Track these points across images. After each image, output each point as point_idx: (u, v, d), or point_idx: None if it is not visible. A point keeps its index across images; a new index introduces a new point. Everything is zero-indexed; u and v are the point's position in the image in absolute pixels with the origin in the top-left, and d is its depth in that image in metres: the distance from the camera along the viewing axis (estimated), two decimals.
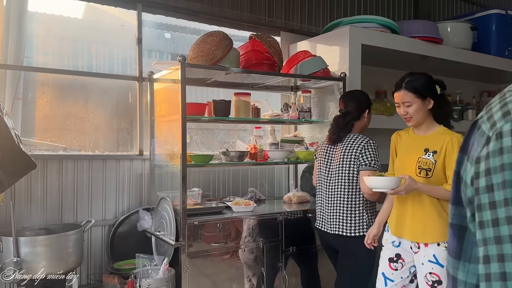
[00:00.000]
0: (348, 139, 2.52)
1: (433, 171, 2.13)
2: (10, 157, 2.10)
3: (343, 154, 2.49)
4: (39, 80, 2.97)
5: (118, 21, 3.35)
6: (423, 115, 2.20)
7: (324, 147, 2.65)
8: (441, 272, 2.10)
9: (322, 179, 2.61)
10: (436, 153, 2.14)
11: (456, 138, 2.13)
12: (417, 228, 2.17)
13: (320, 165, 2.64)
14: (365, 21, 3.47)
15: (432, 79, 2.24)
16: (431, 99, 2.18)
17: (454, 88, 4.68)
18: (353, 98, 2.62)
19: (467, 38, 4.15)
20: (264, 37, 3.11)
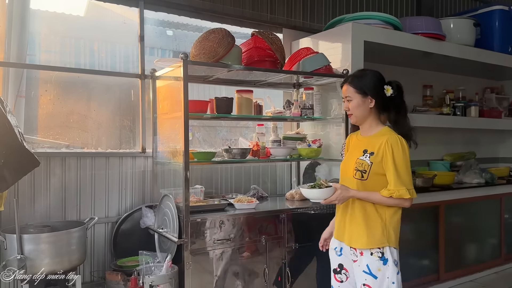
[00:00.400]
0: None
1: (368, 172, 2.04)
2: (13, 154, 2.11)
3: None
4: (42, 78, 2.97)
5: (120, 19, 3.35)
6: (363, 113, 2.11)
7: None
8: (374, 283, 2.02)
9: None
10: (373, 154, 2.05)
11: (393, 140, 2.02)
12: (353, 233, 2.10)
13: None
14: (368, 17, 3.46)
15: (382, 79, 2.14)
16: (373, 99, 2.08)
17: (457, 85, 4.67)
18: None
19: (470, 35, 4.14)
20: (266, 34, 3.10)
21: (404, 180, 2.00)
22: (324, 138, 3.46)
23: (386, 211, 2.06)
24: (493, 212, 4.45)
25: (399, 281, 2.04)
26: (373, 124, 2.14)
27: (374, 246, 2.03)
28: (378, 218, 2.05)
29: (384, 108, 2.13)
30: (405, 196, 1.99)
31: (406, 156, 2.02)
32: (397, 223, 2.09)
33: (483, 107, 4.71)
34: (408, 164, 2.02)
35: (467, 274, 4.07)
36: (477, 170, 4.38)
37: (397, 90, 2.12)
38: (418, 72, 4.46)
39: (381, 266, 2.02)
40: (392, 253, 2.04)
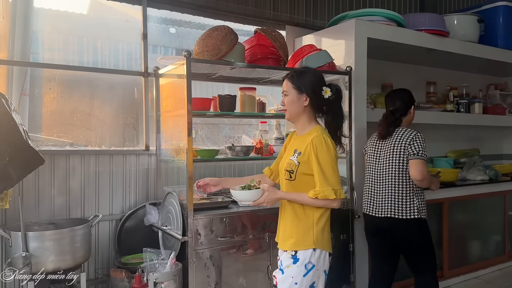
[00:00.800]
0: (397, 133, 2.78)
1: (295, 173, 2.02)
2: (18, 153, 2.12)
3: (393, 146, 2.75)
4: (46, 76, 2.98)
5: (123, 17, 3.36)
6: (297, 110, 2.08)
7: (373, 141, 2.93)
8: (279, 277, 2.02)
9: (372, 169, 2.89)
10: (300, 154, 2.02)
11: (318, 140, 1.98)
12: (284, 234, 2.08)
13: (369, 157, 2.92)
14: (371, 14, 3.45)
15: (322, 80, 2.11)
16: (308, 97, 2.05)
17: (461, 81, 4.65)
18: (400, 96, 2.90)
19: (474, 31, 4.12)
20: (269, 31, 3.10)
21: (330, 180, 1.96)
22: None
23: (314, 212, 2.02)
24: (497, 209, 4.44)
25: (305, 284, 1.98)
26: (306, 123, 2.11)
27: (301, 248, 1.99)
28: (306, 220, 2.01)
29: (321, 110, 2.11)
30: (330, 196, 1.95)
31: (331, 155, 1.99)
32: (326, 224, 2.05)
33: (487, 104, 4.69)
34: (334, 164, 1.99)
35: (471, 271, 4.07)
36: (481, 167, 4.37)
37: (336, 94, 2.09)
38: (422, 69, 4.44)
39: (290, 264, 2.00)
40: (311, 255, 1.98)
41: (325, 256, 2.04)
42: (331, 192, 1.95)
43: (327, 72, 3.20)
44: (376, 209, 2.81)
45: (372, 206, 2.86)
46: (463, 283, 3.94)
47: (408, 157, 2.68)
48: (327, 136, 2.02)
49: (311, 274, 1.98)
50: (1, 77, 2.70)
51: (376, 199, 2.83)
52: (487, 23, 4.29)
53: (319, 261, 2.00)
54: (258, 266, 2.82)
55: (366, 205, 2.92)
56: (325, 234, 2.04)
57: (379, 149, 2.86)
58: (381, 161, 2.82)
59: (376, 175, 2.85)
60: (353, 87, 3.20)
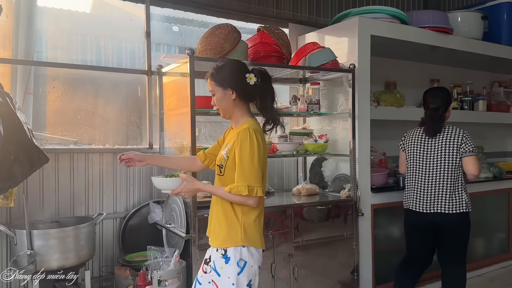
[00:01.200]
0: (446, 130, 2.89)
1: (224, 167, 1.95)
2: (23, 151, 2.13)
3: (446, 143, 2.85)
4: (49, 74, 2.99)
5: (126, 15, 3.36)
6: (227, 106, 2.00)
7: (418, 138, 2.98)
8: (218, 281, 1.93)
9: (419, 166, 2.94)
10: (229, 148, 1.96)
11: (243, 134, 1.89)
12: (214, 230, 2.00)
13: (414, 154, 2.97)
14: (374, 11, 3.44)
15: (243, 68, 2.02)
16: (233, 90, 1.97)
17: (465, 79, 4.63)
18: (440, 95, 2.99)
19: (477, 28, 4.10)
20: (272, 29, 3.10)
21: (248, 176, 1.86)
22: (330, 133, 3.46)
23: (243, 208, 1.94)
24: (501, 206, 4.42)
25: (241, 282, 1.90)
26: (239, 116, 2.03)
27: (230, 245, 1.91)
28: (234, 216, 1.94)
29: (251, 98, 2.02)
30: (242, 192, 1.85)
31: (254, 151, 1.88)
32: (254, 221, 1.95)
33: (491, 101, 4.67)
34: (255, 159, 1.87)
35: (474, 269, 4.06)
36: (485, 165, 4.35)
37: (261, 77, 2.00)
38: (425, 66, 4.43)
39: (223, 264, 1.92)
40: (241, 252, 1.91)
41: (257, 253, 1.97)
42: (244, 189, 1.85)
43: (331, 70, 3.20)
44: (426, 205, 2.88)
45: (421, 202, 2.91)
46: (467, 281, 3.92)
47: (463, 154, 2.82)
48: (254, 130, 1.91)
49: (246, 271, 1.91)
50: (5, 76, 2.71)
51: (426, 195, 2.89)
52: (491, 20, 4.27)
53: (251, 258, 1.93)
54: (262, 264, 2.81)
55: (413, 202, 2.96)
56: (254, 230, 1.95)
57: (428, 146, 2.93)
58: (432, 158, 2.89)
59: (425, 171, 2.91)
60: (357, 85, 3.20)
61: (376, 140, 3.48)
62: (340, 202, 3.15)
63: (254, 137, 1.89)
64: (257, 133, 1.92)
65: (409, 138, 3.06)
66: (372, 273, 3.33)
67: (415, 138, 3.00)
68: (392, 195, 3.49)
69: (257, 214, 1.97)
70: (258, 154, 1.89)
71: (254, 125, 1.97)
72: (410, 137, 3.05)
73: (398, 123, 3.88)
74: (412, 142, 3.02)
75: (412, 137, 3.03)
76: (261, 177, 1.91)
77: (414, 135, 3.02)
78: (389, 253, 3.65)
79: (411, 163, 3.01)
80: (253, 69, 2.02)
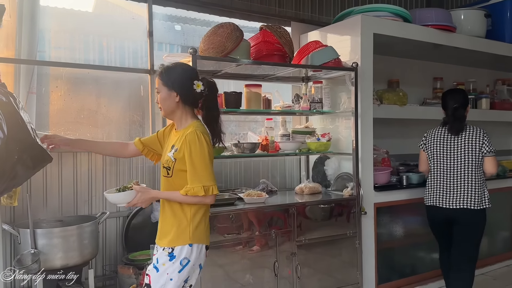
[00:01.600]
0: (468, 129, 3.01)
1: (172, 169, 1.99)
2: (27, 151, 2.13)
3: (468, 143, 2.97)
4: (52, 74, 3.00)
5: (129, 14, 3.36)
6: (170, 106, 2.03)
7: (441, 137, 3.07)
8: (154, 275, 1.96)
9: (443, 164, 3.05)
10: (176, 150, 1.98)
11: (191, 136, 1.93)
12: (160, 231, 2.06)
13: (438, 152, 3.07)
14: (377, 10, 3.43)
15: (193, 74, 2.05)
16: (178, 94, 2.00)
17: (468, 77, 4.62)
18: (459, 96, 3.10)
19: (481, 26, 4.08)
20: (275, 28, 3.09)
21: (201, 176, 1.92)
22: (333, 132, 3.45)
23: (191, 208, 1.98)
24: (505, 205, 4.41)
25: (180, 279, 1.95)
26: (183, 119, 2.06)
27: (178, 244, 1.96)
28: (183, 216, 1.98)
29: (195, 104, 2.06)
30: (199, 193, 1.91)
31: (204, 151, 1.94)
32: (202, 218, 2.01)
33: (494, 99, 4.65)
34: (206, 160, 1.94)
35: (478, 268, 4.00)
36: None
37: (208, 88, 2.05)
38: (428, 65, 4.41)
39: (166, 261, 1.96)
40: (186, 251, 1.96)
41: (201, 250, 2.01)
42: (200, 189, 1.91)
43: (333, 68, 3.20)
44: (451, 201, 2.99)
45: (445, 198, 3.02)
46: None
47: (484, 154, 2.96)
48: (201, 132, 1.96)
49: (187, 269, 1.96)
50: (9, 76, 2.72)
51: (450, 192, 3.00)
52: (494, 17, 4.25)
53: (194, 256, 1.98)
54: (265, 262, 2.82)
55: (436, 198, 3.06)
56: (201, 228, 2.01)
57: (451, 144, 3.03)
58: (456, 155, 3.00)
59: (450, 168, 3.02)
60: (359, 83, 3.19)
61: (379, 138, 3.47)
62: (343, 201, 3.15)
63: (202, 139, 1.95)
64: (204, 134, 1.98)
65: (430, 138, 3.14)
66: (375, 272, 3.33)
67: (438, 137, 3.09)
68: (395, 194, 3.49)
69: (204, 212, 2.02)
70: (209, 155, 1.96)
71: (199, 127, 2.01)
72: (432, 136, 3.13)
73: (401, 121, 3.88)
74: (434, 141, 3.10)
75: (434, 137, 3.11)
76: (214, 176, 1.97)
77: (436, 134, 3.11)
78: (392, 252, 3.66)
79: (434, 162, 3.10)
80: (202, 78, 2.06)
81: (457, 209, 2.97)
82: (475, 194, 2.95)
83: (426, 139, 3.18)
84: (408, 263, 3.73)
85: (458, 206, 2.97)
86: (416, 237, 3.77)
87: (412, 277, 3.65)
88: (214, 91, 2.10)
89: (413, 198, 3.56)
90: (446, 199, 3.02)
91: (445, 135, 3.06)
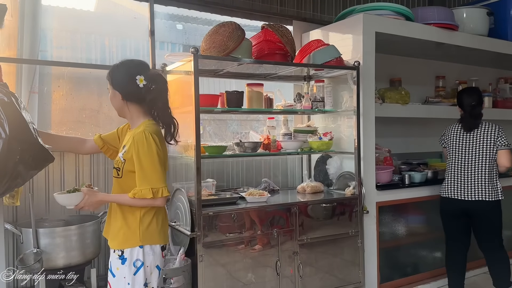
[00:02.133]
0: (483, 125, 3.18)
1: (122, 170, 1.95)
2: (29, 150, 2.13)
3: (485, 137, 3.14)
4: (54, 73, 3.00)
5: (131, 13, 3.36)
6: (118, 105, 2.02)
7: (458, 133, 3.25)
8: (112, 282, 1.95)
9: (458, 158, 3.22)
10: (126, 151, 1.95)
11: (139, 136, 1.89)
12: (113, 232, 2.00)
13: (455, 148, 3.24)
14: (379, 8, 3.42)
15: (136, 70, 1.98)
16: (118, 91, 1.98)
17: (470, 75, 4.60)
18: (475, 95, 3.25)
19: (483, 24, 4.06)
20: (276, 27, 3.08)
21: (150, 178, 1.87)
22: (335, 130, 3.45)
23: (141, 209, 1.95)
24: (508, 203, 4.37)
25: (138, 282, 1.93)
26: (134, 118, 2.02)
27: (127, 246, 1.92)
28: (132, 217, 1.94)
29: (141, 100, 1.99)
30: (147, 196, 1.86)
31: (152, 152, 1.88)
32: (154, 219, 1.97)
33: (497, 98, 4.63)
34: (155, 160, 1.88)
35: (480, 266, 4.03)
36: None
37: (151, 81, 1.97)
38: (430, 63, 4.40)
39: (119, 265, 1.93)
40: (137, 253, 1.93)
41: (155, 251, 1.97)
42: (148, 192, 1.86)
43: (335, 67, 3.19)
44: (466, 194, 3.15)
45: (461, 191, 3.17)
46: (473, 278, 3.91)
47: (498, 147, 3.13)
48: (151, 132, 1.91)
49: (142, 272, 1.93)
50: (11, 75, 2.72)
51: (466, 185, 3.16)
52: (497, 16, 4.23)
53: (148, 258, 1.95)
54: (267, 261, 2.82)
55: (452, 190, 3.21)
56: (152, 228, 1.96)
57: (467, 140, 3.20)
58: (471, 151, 3.17)
59: (465, 163, 3.19)
60: (361, 82, 3.18)
61: (381, 137, 3.47)
62: (345, 200, 3.15)
63: (150, 139, 1.89)
64: (153, 134, 1.92)
65: (448, 134, 3.33)
66: (377, 271, 3.33)
67: (455, 133, 3.27)
68: (397, 193, 3.48)
69: (153, 213, 1.98)
70: (158, 155, 1.90)
71: (150, 126, 1.96)
72: (449, 132, 3.32)
73: (403, 120, 3.87)
74: (451, 137, 3.29)
75: (451, 133, 3.30)
76: (164, 178, 1.92)
77: (453, 131, 3.30)
78: (394, 251, 3.65)
79: (451, 156, 3.28)
80: (146, 72, 1.98)
81: (473, 201, 3.13)
82: (489, 187, 3.12)
83: (444, 135, 3.38)
84: (410, 262, 3.73)
85: (474, 198, 3.12)
86: (418, 236, 3.77)
87: (414, 276, 3.64)
88: (159, 82, 2.01)
89: (415, 197, 3.55)
90: (462, 191, 3.17)
91: (461, 131, 3.25)
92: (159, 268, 2.01)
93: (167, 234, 2.08)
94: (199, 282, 2.59)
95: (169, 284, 2.55)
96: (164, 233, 2.04)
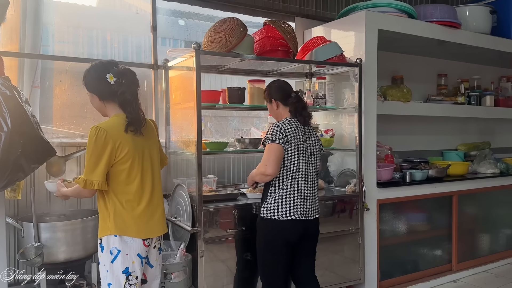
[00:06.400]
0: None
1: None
2: (31, 144, 2.14)
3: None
4: (56, 68, 3.00)
5: (133, 9, 3.36)
6: (99, 107, 2.13)
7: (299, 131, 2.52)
8: (100, 271, 2.06)
9: (304, 168, 2.46)
10: None
11: (89, 132, 1.97)
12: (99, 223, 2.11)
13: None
14: (382, 5, 3.41)
15: (102, 68, 2.06)
16: (94, 94, 2.09)
17: (472, 74, 4.60)
18: None
19: (486, 22, 4.06)
20: (279, 23, 3.08)
21: (87, 169, 1.99)
22: (336, 128, 3.44)
23: (112, 198, 2.03)
24: (508, 202, 4.40)
25: (116, 269, 2.00)
26: (111, 115, 2.11)
27: (103, 234, 2.03)
28: (104, 207, 2.05)
29: (116, 96, 2.06)
30: (80, 184, 2.00)
31: (91, 145, 1.97)
32: (125, 210, 2.02)
33: (499, 96, 4.63)
34: (94, 154, 1.97)
35: (480, 265, 4.05)
36: (491, 160, 4.32)
37: (120, 76, 2.04)
38: (433, 61, 4.39)
39: (100, 253, 2.05)
40: (113, 241, 2.00)
41: (133, 242, 2.02)
42: (82, 181, 1.99)
43: (337, 64, 3.19)
44: (309, 212, 2.46)
45: (303, 209, 2.43)
46: (472, 276, 3.92)
47: None
48: (99, 126, 1.98)
49: (120, 259, 2.00)
50: (13, 70, 2.72)
51: (308, 201, 2.46)
52: (500, 14, 4.22)
53: (125, 246, 2.01)
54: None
55: (296, 210, 2.42)
56: (126, 219, 2.02)
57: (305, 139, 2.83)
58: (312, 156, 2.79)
59: (308, 174, 2.51)
60: (363, 79, 3.18)
61: (382, 135, 3.47)
62: (345, 197, 3.15)
63: (93, 133, 1.98)
64: (100, 128, 1.98)
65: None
66: (377, 268, 3.33)
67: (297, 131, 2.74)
68: (398, 190, 3.48)
69: (125, 201, 2.03)
70: (96, 148, 1.97)
71: (109, 121, 2.06)
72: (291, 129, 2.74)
73: (404, 118, 3.86)
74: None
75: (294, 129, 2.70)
76: (102, 171, 1.98)
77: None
78: (395, 248, 3.66)
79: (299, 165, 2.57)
80: (114, 69, 2.05)
81: (314, 220, 2.53)
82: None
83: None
84: (410, 260, 3.73)
85: (314, 217, 2.51)
86: (418, 234, 3.77)
87: (414, 274, 3.65)
88: (130, 75, 2.08)
89: (416, 195, 3.55)
90: (307, 210, 2.46)
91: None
92: (141, 257, 2.06)
93: (148, 229, 2.08)
94: (200, 278, 2.59)
95: (170, 279, 2.56)
96: (138, 227, 2.04)
